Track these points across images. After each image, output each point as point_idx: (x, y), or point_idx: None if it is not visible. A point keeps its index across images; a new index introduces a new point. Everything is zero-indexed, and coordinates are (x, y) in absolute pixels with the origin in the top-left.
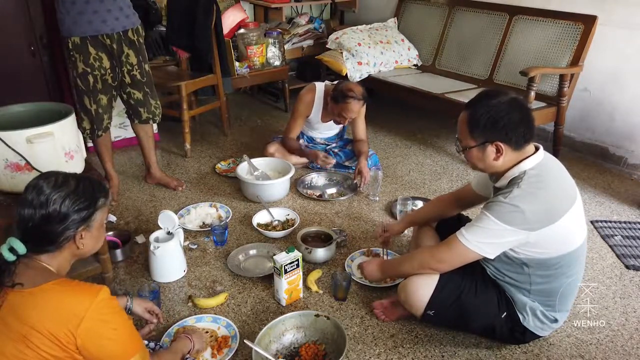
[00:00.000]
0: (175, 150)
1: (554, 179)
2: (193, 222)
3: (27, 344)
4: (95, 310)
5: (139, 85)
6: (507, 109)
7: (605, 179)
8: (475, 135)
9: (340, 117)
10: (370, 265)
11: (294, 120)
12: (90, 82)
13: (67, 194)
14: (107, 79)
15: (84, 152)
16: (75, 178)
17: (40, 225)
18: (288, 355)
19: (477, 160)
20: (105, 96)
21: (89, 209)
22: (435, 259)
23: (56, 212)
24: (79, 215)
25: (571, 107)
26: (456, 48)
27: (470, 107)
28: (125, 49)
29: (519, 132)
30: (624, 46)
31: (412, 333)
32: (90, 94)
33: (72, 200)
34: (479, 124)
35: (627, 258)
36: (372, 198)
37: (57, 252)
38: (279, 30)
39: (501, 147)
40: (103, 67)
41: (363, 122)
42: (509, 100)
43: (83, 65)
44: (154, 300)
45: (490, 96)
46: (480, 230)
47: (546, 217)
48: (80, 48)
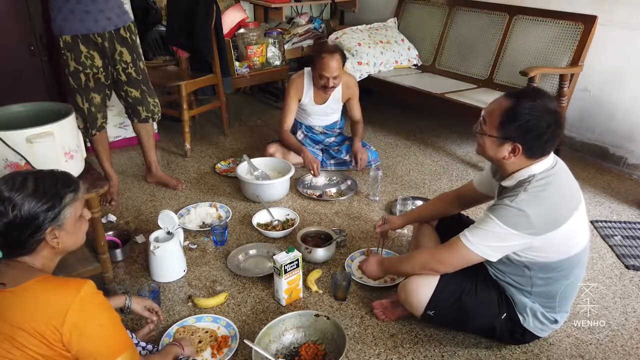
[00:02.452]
0: (175, 150)
1: (561, 183)
2: (193, 222)
3: (13, 344)
4: (79, 305)
5: (136, 84)
6: (548, 121)
7: (605, 178)
8: (504, 129)
9: (323, 80)
10: (370, 262)
11: (286, 106)
12: (82, 81)
13: (25, 197)
14: (100, 78)
15: (84, 152)
16: (34, 178)
17: (4, 233)
18: (288, 355)
19: (488, 148)
20: (99, 95)
21: (53, 208)
22: (437, 261)
23: (17, 218)
24: (44, 216)
25: (571, 107)
26: (456, 48)
27: (516, 100)
28: (118, 47)
29: (543, 146)
30: (624, 46)
31: (412, 333)
32: (82, 92)
33: (32, 202)
34: (515, 121)
35: (627, 258)
36: (372, 198)
37: (33, 254)
38: (279, 30)
39: (519, 149)
40: (95, 65)
41: (357, 103)
42: (553, 112)
43: (74, 64)
44: (154, 300)
45: (537, 97)
46: (485, 233)
47: (551, 222)
48: (71, 46)
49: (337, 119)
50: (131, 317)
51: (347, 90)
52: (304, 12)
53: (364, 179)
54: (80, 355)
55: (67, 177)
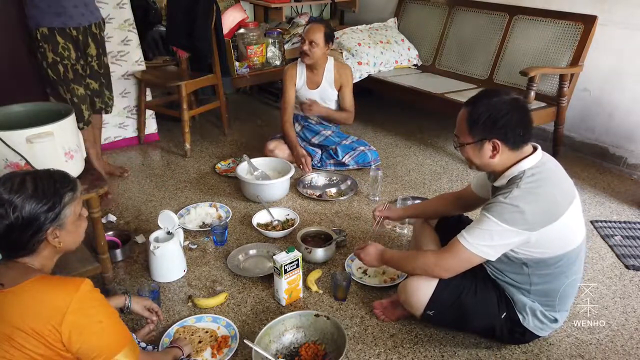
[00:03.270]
0: (175, 150)
1: (553, 178)
2: (193, 222)
3: (12, 344)
4: (77, 303)
5: (97, 76)
6: (508, 108)
7: (605, 178)
8: (474, 132)
9: (302, 43)
10: (369, 251)
11: (285, 95)
12: (61, 72)
13: (25, 198)
14: (78, 69)
15: (84, 152)
16: (32, 179)
17: (5, 235)
18: (288, 355)
19: (473, 157)
20: (80, 86)
21: (54, 208)
22: (440, 268)
23: (19, 220)
24: (45, 216)
25: (571, 107)
26: (456, 48)
27: (471, 105)
28: (89, 42)
29: (517, 132)
30: (624, 46)
31: (412, 333)
32: (62, 84)
33: (33, 204)
34: (479, 121)
35: (627, 258)
36: (372, 198)
37: (33, 255)
38: (279, 30)
39: (498, 145)
40: (71, 57)
41: (350, 93)
42: (510, 100)
43: (52, 55)
44: (154, 300)
45: (491, 95)
46: (482, 233)
47: (546, 217)
48: (48, 38)
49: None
50: (131, 317)
51: (340, 77)
52: (304, 12)
53: (364, 179)
54: (81, 353)
55: (65, 177)
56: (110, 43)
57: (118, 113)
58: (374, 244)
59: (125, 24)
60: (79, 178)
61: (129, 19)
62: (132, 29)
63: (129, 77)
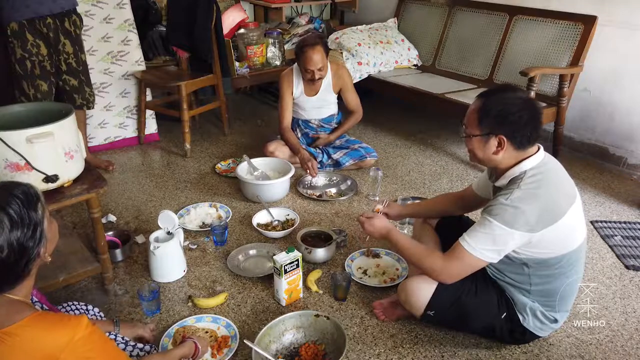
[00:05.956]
0: (175, 150)
1: (554, 178)
2: (193, 222)
3: None
4: (72, 350)
5: (75, 73)
6: (520, 106)
7: (605, 179)
8: (483, 125)
9: (308, 74)
10: (376, 224)
11: (282, 101)
12: (28, 67)
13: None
14: (46, 66)
15: (84, 152)
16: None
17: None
18: (288, 355)
19: (477, 150)
20: (45, 82)
21: (36, 230)
22: (446, 275)
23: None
24: (32, 241)
25: (571, 107)
26: (456, 48)
27: (485, 97)
28: (62, 38)
29: (525, 131)
30: (624, 46)
31: (412, 333)
32: (28, 79)
33: (17, 235)
34: (489, 115)
35: (627, 258)
36: (372, 198)
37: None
38: (279, 30)
39: (504, 141)
40: (41, 54)
41: (352, 92)
42: (524, 99)
43: (21, 51)
44: (154, 300)
45: (507, 90)
46: (485, 237)
47: (548, 218)
48: (18, 34)
49: (333, 112)
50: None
51: (338, 80)
52: (304, 12)
53: (364, 179)
54: None
55: (28, 191)
56: (110, 43)
57: (118, 113)
58: (382, 217)
59: (125, 24)
60: (79, 178)
61: (129, 19)
62: (132, 29)
63: (129, 77)
